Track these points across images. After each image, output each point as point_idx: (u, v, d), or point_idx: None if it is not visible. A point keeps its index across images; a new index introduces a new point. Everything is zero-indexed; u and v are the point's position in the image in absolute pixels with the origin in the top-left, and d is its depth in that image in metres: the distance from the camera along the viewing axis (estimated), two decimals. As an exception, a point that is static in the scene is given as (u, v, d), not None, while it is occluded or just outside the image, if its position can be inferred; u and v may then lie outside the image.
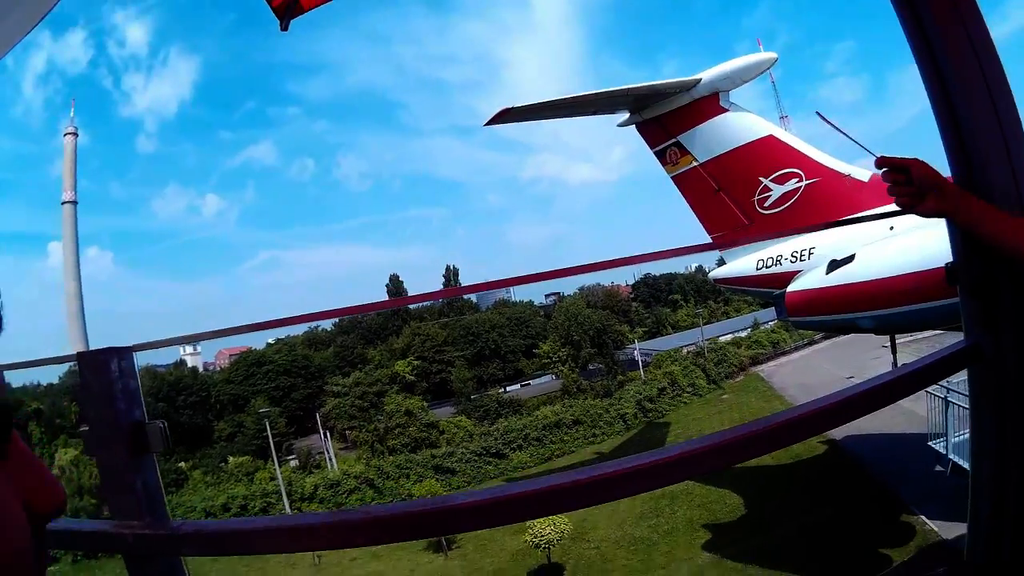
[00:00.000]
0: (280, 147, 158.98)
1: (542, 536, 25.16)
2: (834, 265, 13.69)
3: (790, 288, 14.71)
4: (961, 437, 16.05)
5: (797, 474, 26.42)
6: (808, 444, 30.22)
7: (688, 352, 57.93)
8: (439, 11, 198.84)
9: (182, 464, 48.40)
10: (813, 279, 14.19)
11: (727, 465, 1.58)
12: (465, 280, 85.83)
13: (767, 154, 15.73)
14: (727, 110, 15.98)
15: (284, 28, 2.42)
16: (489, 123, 15.90)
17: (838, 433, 28.98)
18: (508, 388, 64.34)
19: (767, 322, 60.12)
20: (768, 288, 15.70)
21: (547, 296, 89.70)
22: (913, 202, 1.65)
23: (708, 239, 16.67)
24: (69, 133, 70.86)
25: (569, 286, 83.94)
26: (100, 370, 1.65)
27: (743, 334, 63.32)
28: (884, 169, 1.68)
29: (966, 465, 7.91)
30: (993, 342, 1.78)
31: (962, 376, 2.34)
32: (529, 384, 66.37)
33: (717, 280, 18.39)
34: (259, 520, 5.67)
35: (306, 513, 10.71)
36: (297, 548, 1.72)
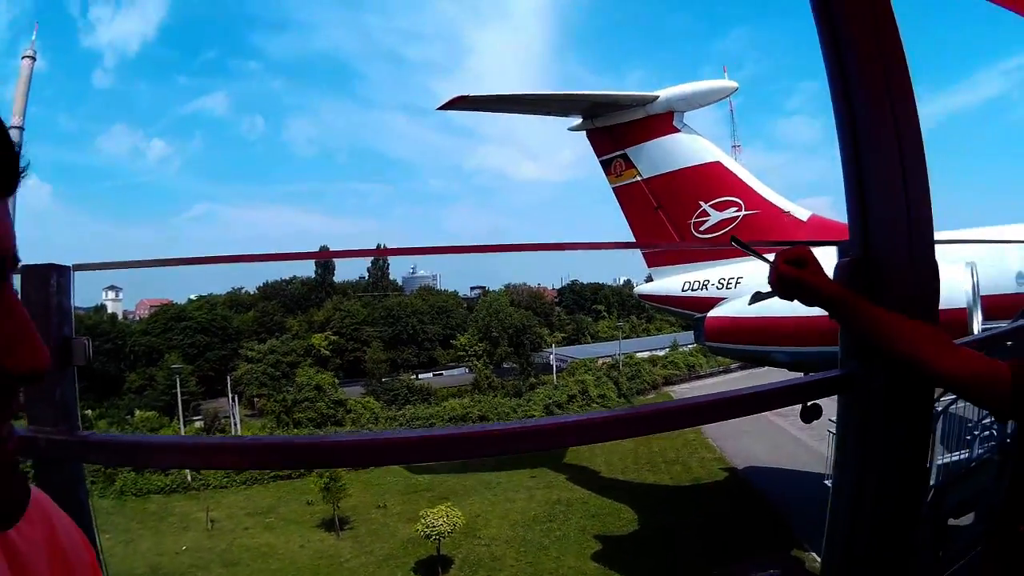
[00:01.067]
0: (233, 101, 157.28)
1: (434, 527, 25.29)
2: (758, 297, 13.92)
3: (711, 313, 14.97)
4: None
5: (695, 498, 27.04)
6: (709, 470, 31.12)
7: (604, 363, 58.27)
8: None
9: (88, 412, 46.56)
10: (735, 308, 14.38)
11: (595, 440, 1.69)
12: (395, 261, 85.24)
13: (711, 180, 16.05)
14: (679, 130, 16.23)
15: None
16: (443, 108, 15.85)
17: (740, 462, 29.75)
18: (421, 375, 63.94)
19: (686, 345, 60.41)
20: (691, 311, 15.99)
21: (472, 289, 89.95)
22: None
23: (641, 255, 16.97)
24: (27, 56, 67.44)
25: (496, 282, 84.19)
26: (39, 284, 1.72)
27: (661, 353, 64.06)
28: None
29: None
30: (864, 374, 1.92)
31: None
32: (442, 374, 66.05)
33: (642, 296, 18.68)
34: (162, 438, 5.67)
35: (204, 436, 10.67)
36: (192, 465, 1.82)
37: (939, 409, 8.67)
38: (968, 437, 7.60)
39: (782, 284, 1.53)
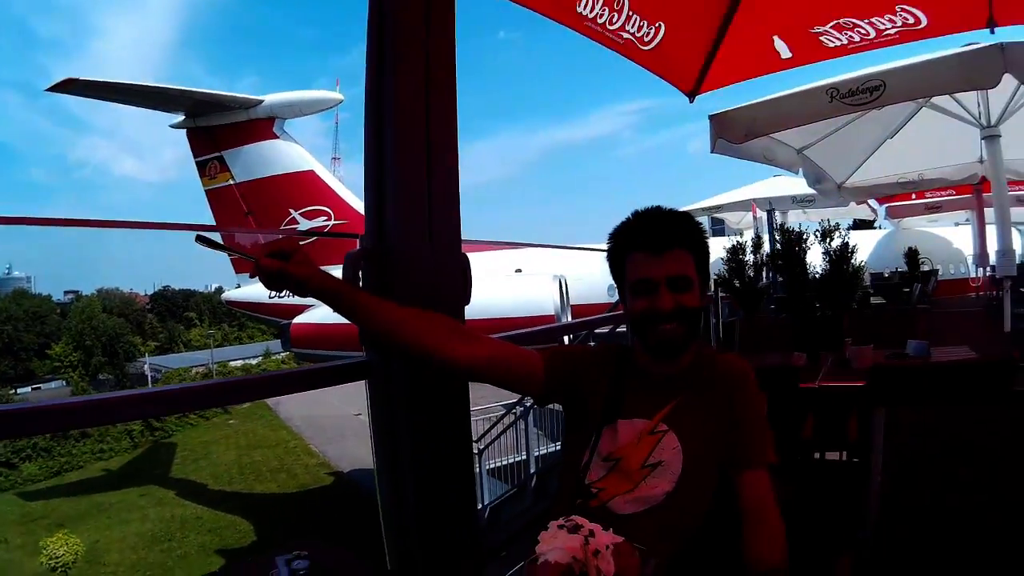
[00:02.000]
0: None
1: (58, 558, 23.20)
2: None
3: (296, 320, 14.90)
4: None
5: (307, 504, 26.84)
6: (315, 475, 31.04)
7: (197, 373, 55.34)
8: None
9: None
10: (320, 314, 14.26)
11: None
12: None
13: (302, 188, 16.01)
14: (278, 137, 16.04)
15: None
16: (52, 89, 14.19)
17: (346, 466, 30.11)
18: (20, 390, 55.79)
19: (278, 353, 59.51)
20: (278, 317, 15.77)
21: (66, 293, 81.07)
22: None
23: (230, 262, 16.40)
24: None
25: (89, 286, 76.66)
26: None
27: (254, 361, 62.44)
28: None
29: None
30: (381, 361, 1.96)
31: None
32: (40, 388, 58.05)
33: (230, 302, 18.04)
34: None
35: None
36: None
37: (528, 404, 9.62)
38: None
39: (264, 276, 1.51)
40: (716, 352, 1.88)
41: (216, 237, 1.55)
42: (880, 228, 21.05)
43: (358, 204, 16.01)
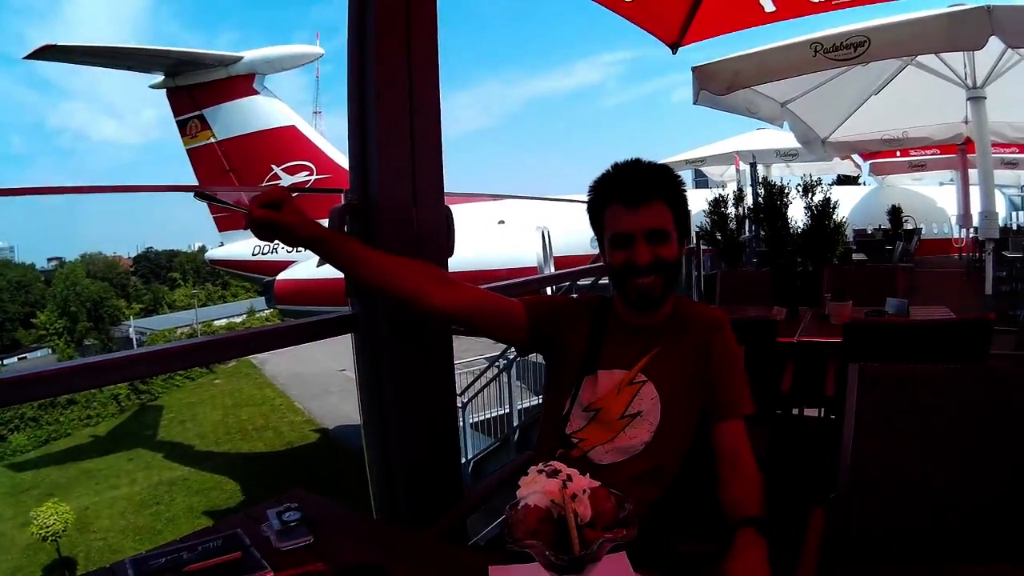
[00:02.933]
0: None
1: (48, 528, 22.63)
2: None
3: (280, 276, 14.83)
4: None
5: (294, 461, 26.92)
6: (301, 432, 30.95)
7: (182, 333, 54.86)
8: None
9: None
10: (303, 270, 14.39)
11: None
12: None
13: (284, 143, 15.84)
14: (258, 93, 15.83)
15: None
16: (30, 56, 13.97)
17: (331, 423, 30.15)
18: (6, 360, 54.62)
19: (262, 310, 59.01)
20: (262, 274, 15.71)
21: (49, 260, 79.87)
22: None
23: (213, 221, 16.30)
24: None
25: (72, 251, 75.90)
26: None
27: (238, 320, 61.72)
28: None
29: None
30: (367, 313, 1.99)
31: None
32: (26, 357, 56.95)
33: (213, 261, 17.94)
34: None
35: None
36: None
37: (512, 357, 9.65)
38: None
39: (256, 226, 1.49)
40: (694, 303, 1.90)
41: (193, 177, 1.56)
42: (864, 184, 21.16)
43: (340, 158, 15.90)
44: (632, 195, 1.67)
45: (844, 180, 21.52)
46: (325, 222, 1.75)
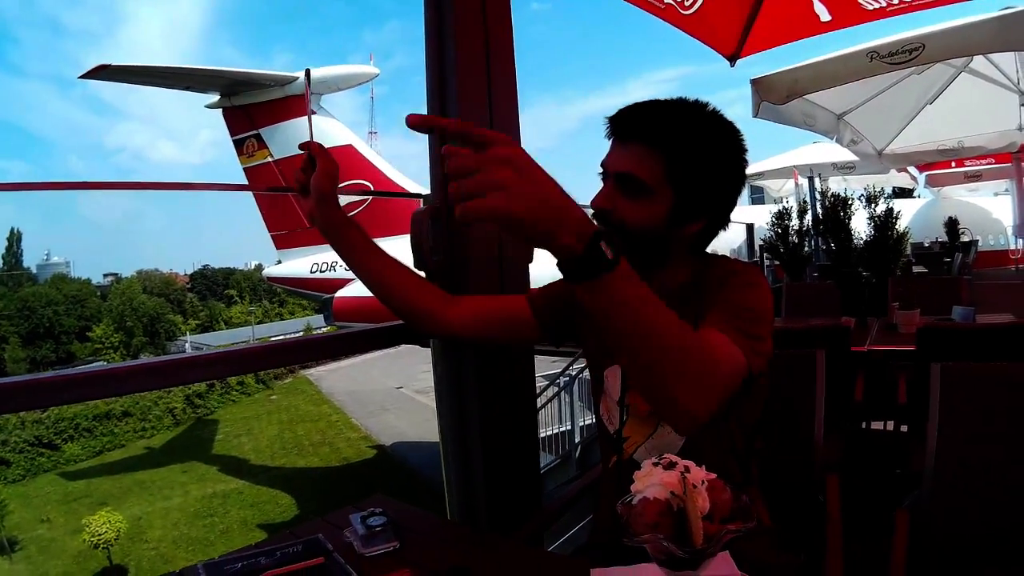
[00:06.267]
0: None
1: (100, 536, 22.96)
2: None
3: (339, 294, 14.90)
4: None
5: (351, 477, 26.99)
6: (357, 448, 30.97)
7: (240, 349, 56.18)
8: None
9: None
10: (364, 287, 14.26)
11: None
12: (29, 249, 74.62)
13: (342, 162, 15.50)
14: (315, 112, 16.02)
15: None
16: (85, 76, 14.09)
17: (387, 439, 30.19)
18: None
19: (319, 327, 59.85)
20: (320, 292, 15.85)
21: (105, 276, 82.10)
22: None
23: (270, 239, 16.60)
24: None
25: (128, 268, 78.02)
26: None
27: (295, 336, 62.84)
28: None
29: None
30: None
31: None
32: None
33: (271, 279, 18.18)
34: None
35: None
36: None
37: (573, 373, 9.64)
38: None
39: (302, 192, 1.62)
40: (717, 260, 1.46)
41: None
42: (919, 197, 20.76)
43: (397, 176, 16.07)
44: (615, 127, 1.37)
45: (899, 193, 21.09)
46: (393, 239, 1.76)
